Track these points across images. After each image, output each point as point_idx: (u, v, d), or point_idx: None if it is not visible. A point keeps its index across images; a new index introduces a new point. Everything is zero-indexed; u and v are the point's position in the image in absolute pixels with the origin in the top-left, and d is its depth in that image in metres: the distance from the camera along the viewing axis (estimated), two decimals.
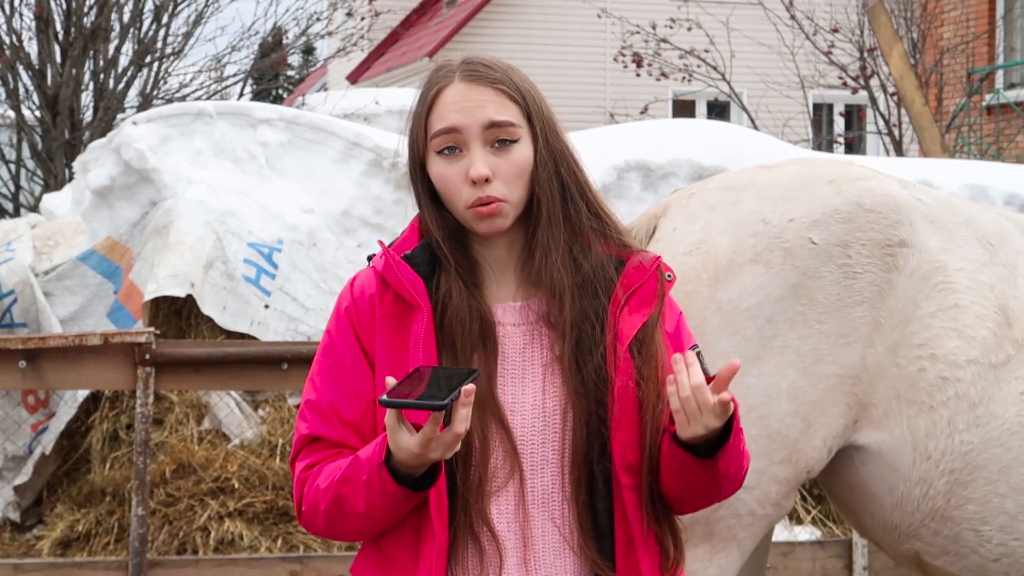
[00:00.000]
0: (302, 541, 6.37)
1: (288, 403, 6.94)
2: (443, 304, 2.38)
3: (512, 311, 2.42)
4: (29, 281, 7.16)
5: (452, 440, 2.21)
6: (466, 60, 2.42)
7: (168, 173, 7.38)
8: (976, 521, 3.63)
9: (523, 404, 2.39)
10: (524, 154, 2.38)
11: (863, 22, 15.60)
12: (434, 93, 2.40)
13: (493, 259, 2.44)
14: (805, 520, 6.83)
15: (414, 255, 2.43)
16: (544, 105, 2.44)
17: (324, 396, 2.40)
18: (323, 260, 7.36)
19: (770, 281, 3.59)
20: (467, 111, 2.36)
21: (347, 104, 12.36)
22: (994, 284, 3.68)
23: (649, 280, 2.41)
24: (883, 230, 3.63)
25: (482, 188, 2.35)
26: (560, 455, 2.37)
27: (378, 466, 2.27)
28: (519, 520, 2.36)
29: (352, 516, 2.33)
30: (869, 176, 3.76)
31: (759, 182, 3.76)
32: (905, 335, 3.60)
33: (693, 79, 16.75)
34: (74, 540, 6.50)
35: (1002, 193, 8.07)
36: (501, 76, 2.40)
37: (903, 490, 3.63)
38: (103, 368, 5.64)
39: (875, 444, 3.63)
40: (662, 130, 8.45)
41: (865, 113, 19.91)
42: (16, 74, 12.76)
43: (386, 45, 26.49)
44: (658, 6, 19.41)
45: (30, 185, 13.54)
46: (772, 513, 3.65)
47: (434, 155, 2.39)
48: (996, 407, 3.60)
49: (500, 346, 2.40)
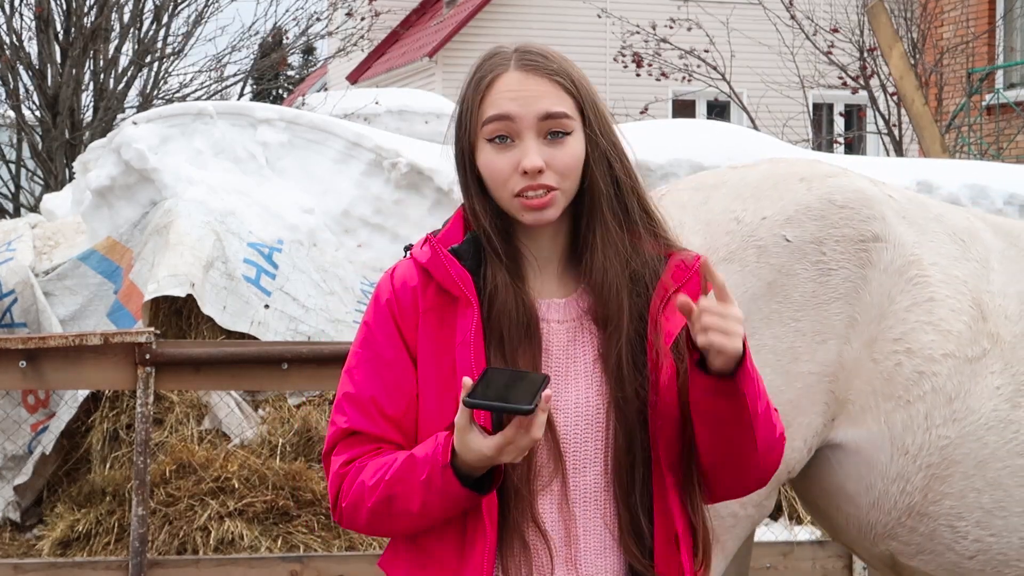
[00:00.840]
0: (302, 541, 6.37)
1: (288, 403, 6.94)
2: (490, 298, 2.35)
3: (556, 307, 2.40)
4: (29, 281, 7.16)
5: (528, 445, 2.19)
6: (522, 48, 2.38)
7: (168, 173, 7.38)
8: (952, 517, 3.62)
9: (567, 402, 2.36)
10: (577, 146, 2.36)
11: (863, 22, 15.59)
12: (489, 80, 2.36)
13: (536, 252, 2.41)
14: (805, 520, 6.83)
15: (461, 248, 2.39)
16: (597, 99, 2.42)
17: (364, 390, 2.36)
18: (323, 260, 7.36)
19: (745, 279, 3.57)
20: (523, 100, 2.33)
21: (347, 104, 12.36)
22: (967, 279, 3.68)
23: (692, 280, 2.38)
24: (856, 225, 3.62)
25: (534, 178, 2.31)
26: (604, 453, 2.35)
27: (443, 467, 2.23)
28: (563, 518, 2.34)
29: (402, 515, 2.29)
30: (839, 173, 3.76)
31: (729, 182, 3.76)
32: (881, 330, 3.59)
33: (693, 79, 16.75)
34: (74, 540, 6.50)
35: (1002, 193, 8.07)
36: (558, 67, 2.37)
37: (880, 488, 3.62)
38: (103, 368, 5.64)
39: (852, 441, 3.61)
40: (662, 130, 8.45)
41: (865, 113, 19.90)
42: (16, 74, 12.76)
43: (386, 45, 26.48)
44: (658, 6, 19.41)
45: (30, 185, 13.54)
46: (754, 514, 3.64)
47: (484, 142, 2.35)
48: (972, 401, 3.59)
49: (544, 342, 2.37)
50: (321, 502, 6.48)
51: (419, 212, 7.54)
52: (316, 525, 6.45)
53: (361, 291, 7.34)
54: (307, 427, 6.80)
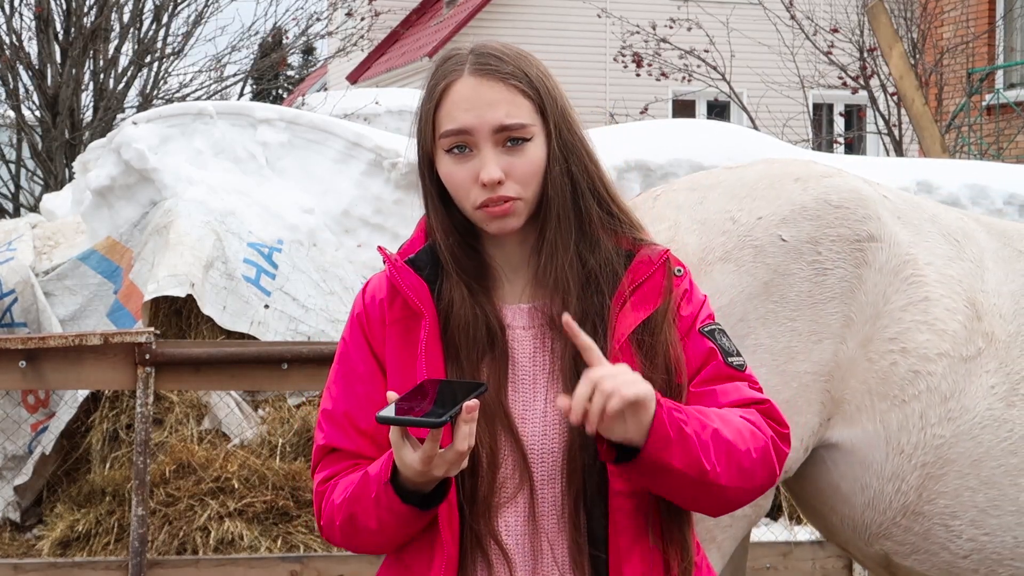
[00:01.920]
0: (302, 541, 6.37)
1: (288, 403, 6.94)
2: (447, 312, 2.29)
3: (522, 313, 2.32)
4: (30, 281, 7.16)
5: (455, 457, 2.12)
6: (476, 51, 2.29)
7: (168, 173, 7.38)
8: (947, 516, 3.62)
9: (534, 412, 2.29)
10: (537, 152, 2.27)
11: (863, 22, 15.59)
12: (443, 88, 2.29)
13: (505, 259, 2.34)
14: (805, 520, 6.83)
15: (419, 258, 2.34)
16: (559, 96, 2.31)
17: (339, 405, 2.33)
18: (323, 260, 7.36)
19: (741, 279, 3.58)
20: (477, 111, 2.25)
21: (347, 104, 12.35)
22: (962, 278, 3.68)
23: (655, 275, 2.29)
24: (851, 225, 3.63)
25: (494, 189, 2.24)
26: (570, 467, 2.26)
27: (384, 484, 2.19)
28: (529, 532, 2.27)
29: (365, 532, 2.26)
30: (834, 173, 3.77)
31: (725, 182, 3.76)
32: (876, 329, 3.59)
33: (693, 79, 16.75)
34: (74, 540, 6.50)
35: (1002, 193, 8.07)
36: (513, 69, 2.27)
37: (875, 487, 3.62)
38: (103, 368, 5.64)
39: (848, 441, 3.62)
40: (662, 130, 8.45)
41: (865, 113, 19.90)
42: (16, 74, 12.76)
43: (386, 45, 26.49)
44: (658, 6, 19.41)
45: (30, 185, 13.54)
46: (751, 514, 3.64)
47: (443, 153, 2.30)
48: (967, 400, 3.60)
49: (511, 351, 2.30)
50: None
51: (419, 212, 7.49)
52: (316, 525, 6.45)
53: None
54: (307, 427, 6.80)
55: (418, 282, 2.31)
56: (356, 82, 24.78)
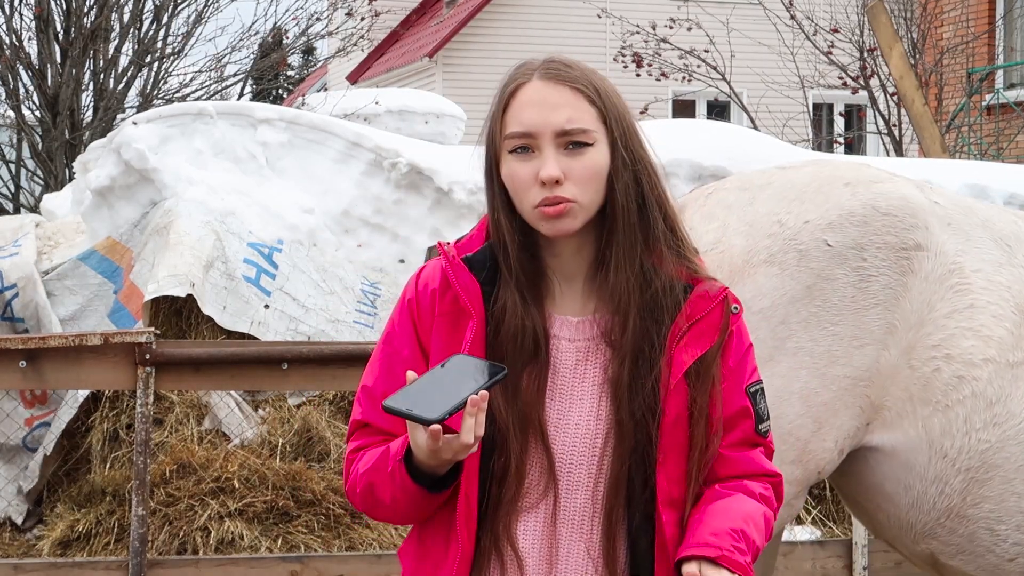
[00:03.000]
0: (302, 541, 6.37)
1: (288, 403, 6.94)
2: (497, 316, 2.34)
3: (570, 325, 2.37)
4: (33, 277, 7.17)
5: (460, 447, 2.18)
6: (548, 59, 2.38)
7: (168, 173, 7.38)
8: (992, 520, 3.63)
9: (568, 422, 2.34)
10: (598, 158, 2.32)
11: (863, 22, 15.58)
12: (511, 90, 2.35)
13: (560, 268, 2.38)
14: (805, 520, 6.83)
15: (476, 257, 2.39)
16: (625, 111, 2.38)
17: (379, 385, 2.39)
18: (323, 260, 7.36)
19: (784, 282, 3.59)
20: (542, 112, 2.31)
21: (347, 104, 12.34)
22: (1011, 284, 3.69)
23: (714, 311, 2.34)
24: (898, 233, 3.63)
25: (551, 189, 2.29)
26: (596, 479, 2.32)
27: (399, 462, 2.26)
28: (548, 539, 2.33)
29: (380, 504, 2.34)
30: (885, 179, 3.76)
31: (776, 183, 3.76)
32: (919, 337, 3.60)
33: (693, 79, 16.74)
34: (74, 540, 6.50)
35: (1002, 193, 8.07)
36: (579, 75, 2.34)
37: (919, 489, 3.63)
38: (103, 368, 5.64)
39: (889, 445, 3.63)
40: (662, 130, 8.45)
41: (865, 113, 19.90)
42: (16, 74, 12.76)
43: (386, 45, 26.48)
44: (658, 6, 19.41)
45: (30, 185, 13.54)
46: (783, 513, 3.65)
47: (507, 154, 2.34)
48: (1013, 406, 3.60)
49: (553, 360, 2.35)
50: (321, 502, 6.48)
51: (419, 212, 7.54)
52: (316, 525, 6.45)
53: (361, 291, 7.34)
54: (307, 427, 6.80)
55: (472, 282, 2.36)
56: (356, 82, 24.77)
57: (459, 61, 23.01)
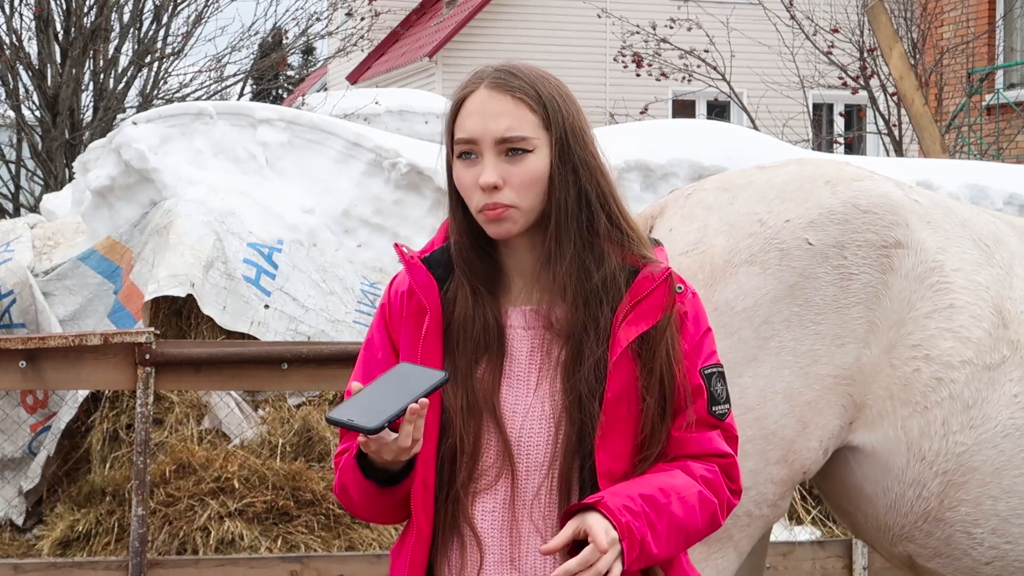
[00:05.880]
0: (302, 541, 6.37)
1: (288, 403, 6.94)
2: (451, 309, 2.47)
3: (523, 315, 2.49)
4: (28, 282, 7.16)
5: (398, 450, 2.31)
6: (498, 66, 2.49)
7: (168, 173, 7.38)
8: (968, 523, 3.63)
9: (524, 407, 2.46)
10: (537, 164, 2.43)
11: (863, 22, 15.59)
12: (460, 98, 2.47)
13: (515, 264, 2.50)
14: (805, 520, 6.83)
15: (433, 257, 2.52)
16: (571, 114, 2.48)
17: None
18: (323, 260, 7.36)
19: (766, 282, 3.58)
20: (484, 120, 2.42)
21: (347, 104, 12.35)
22: (990, 285, 3.68)
23: (657, 290, 2.43)
24: (879, 231, 3.62)
25: (491, 195, 2.40)
26: (551, 460, 2.43)
27: (354, 458, 2.42)
28: (506, 519, 2.44)
29: (353, 502, 2.48)
30: (865, 177, 3.75)
31: (756, 183, 3.76)
32: (900, 335, 3.59)
33: (693, 79, 16.75)
34: (74, 540, 6.50)
35: (1002, 193, 8.07)
36: (522, 84, 2.44)
37: (897, 491, 3.63)
38: (103, 368, 5.64)
39: (869, 445, 3.63)
40: (662, 130, 8.45)
41: (865, 113, 19.90)
42: (16, 74, 12.77)
43: (386, 45, 26.48)
44: (658, 6, 19.41)
45: (30, 185, 13.55)
46: (769, 514, 3.65)
47: (456, 159, 2.47)
48: (990, 409, 3.60)
49: (509, 349, 2.48)
50: (321, 502, 6.48)
51: (419, 212, 7.54)
52: (316, 525, 6.45)
53: (361, 291, 7.34)
54: (307, 427, 6.80)
55: (427, 279, 2.48)
56: (356, 82, 24.77)
57: (459, 61, 23.01)
